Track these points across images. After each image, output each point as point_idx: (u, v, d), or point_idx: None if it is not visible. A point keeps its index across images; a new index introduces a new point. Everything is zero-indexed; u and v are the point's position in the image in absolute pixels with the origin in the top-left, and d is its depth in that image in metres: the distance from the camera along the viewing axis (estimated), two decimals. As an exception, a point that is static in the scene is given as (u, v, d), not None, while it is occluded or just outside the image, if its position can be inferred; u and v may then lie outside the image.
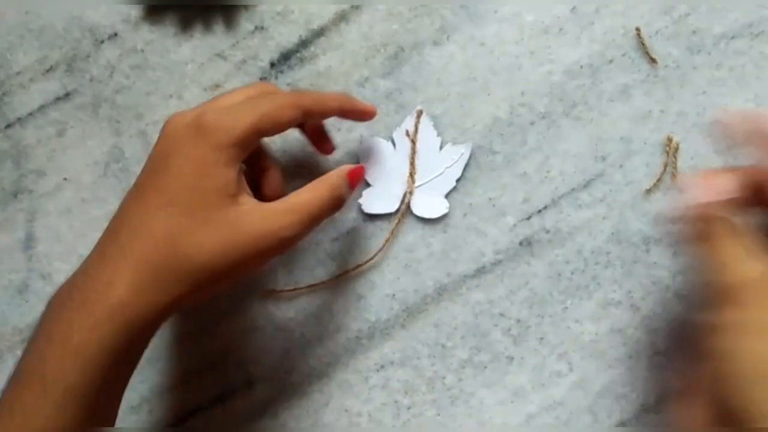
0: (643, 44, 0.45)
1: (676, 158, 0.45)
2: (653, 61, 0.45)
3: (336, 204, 0.39)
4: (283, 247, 0.36)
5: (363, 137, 0.46)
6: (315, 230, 0.45)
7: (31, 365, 0.33)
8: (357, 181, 0.41)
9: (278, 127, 0.37)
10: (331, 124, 0.45)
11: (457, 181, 0.45)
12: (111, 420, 0.36)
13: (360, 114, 0.42)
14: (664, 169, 0.45)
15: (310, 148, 0.45)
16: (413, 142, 0.45)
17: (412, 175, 0.45)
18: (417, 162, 0.45)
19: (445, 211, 0.45)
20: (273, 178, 0.42)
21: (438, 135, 0.45)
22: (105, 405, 0.35)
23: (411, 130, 0.45)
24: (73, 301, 0.34)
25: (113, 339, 0.33)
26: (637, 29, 0.45)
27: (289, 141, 0.46)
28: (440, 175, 0.45)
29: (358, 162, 0.45)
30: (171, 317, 0.36)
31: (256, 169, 0.42)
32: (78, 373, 0.33)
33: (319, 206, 0.37)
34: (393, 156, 0.45)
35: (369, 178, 0.45)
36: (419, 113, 0.45)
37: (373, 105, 0.43)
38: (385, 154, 0.45)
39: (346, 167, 0.40)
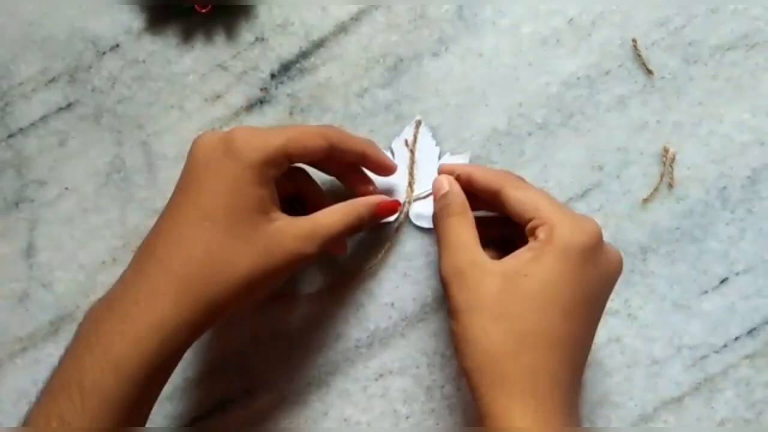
0: (639, 55, 0.45)
1: (672, 168, 0.45)
2: (650, 72, 0.45)
3: (355, 230, 0.41)
4: (306, 263, 0.39)
5: None
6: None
7: (69, 374, 0.34)
8: (386, 214, 0.43)
9: (305, 152, 0.38)
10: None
11: None
12: (141, 424, 0.37)
13: (381, 166, 0.43)
14: (661, 180, 0.45)
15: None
16: (412, 152, 0.46)
17: (410, 185, 0.46)
18: (416, 172, 0.46)
19: None
20: (314, 194, 0.44)
21: (437, 145, 0.46)
22: (138, 416, 0.36)
23: (410, 140, 0.46)
24: (113, 313, 0.35)
25: (152, 352, 0.34)
26: (634, 40, 0.45)
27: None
28: None
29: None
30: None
31: (306, 198, 0.44)
32: (117, 385, 0.33)
33: (338, 231, 0.39)
34: None
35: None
36: (418, 123, 0.46)
37: (395, 164, 0.44)
38: None
39: (378, 198, 0.42)
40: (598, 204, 0.45)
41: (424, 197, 0.45)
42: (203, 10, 0.45)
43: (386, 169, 0.43)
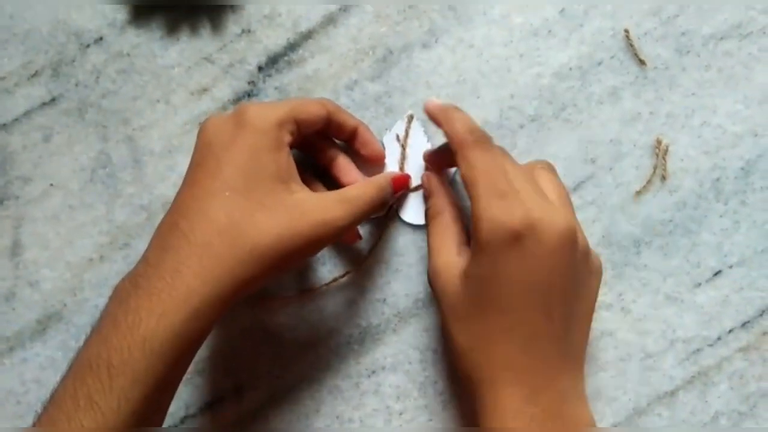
0: (632, 46, 0.45)
1: (665, 160, 0.45)
2: (642, 62, 0.45)
3: (381, 204, 0.41)
4: (336, 236, 0.38)
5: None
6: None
7: (97, 352, 0.33)
8: (401, 187, 0.43)
9: (309, 118, 0.39)
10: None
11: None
12: (167, 405, 0.36)
13: (371, 147, 0.43)
14: (654, 171, 0.45)
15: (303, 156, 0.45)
16: (403, 147, 0.45)
17: None
18: (406, 167, 0.45)
19: None
20: (344, 166, 0.43)
21: (428, 140, 0.45)
22: (164, 392, 0.35)
23: (401, 134, 0.45)
24: (139, 290, 0.34)
25: (181, 327, 0.33)
26: (626, 31, 0.45)
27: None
28: None
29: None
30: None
31: (324, 159, 0.43)
32: (145, 363, 0.33)
33: (368, 203, 0.39)
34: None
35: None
36: (410, 118, 0.45)
37: (383, 152, 0.44)
38: None
39: (392, 173, 0.43)
40: (591, 197, 0.45)
41: (414, 191, 0.45)
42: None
43: (377, 158, 0.43)
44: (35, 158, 0.46)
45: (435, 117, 0.39)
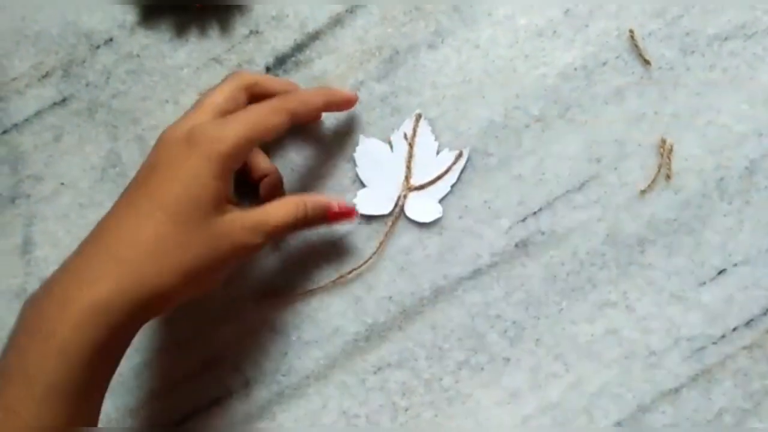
0: (636, 46, 0.45)
1: (670, 159, 0.45)
2: (647, 62, 0.45)
3: (297, 227, 0.41)
4: (249, 255, 0.40)
5: (361, 138, 0.46)
6: (309, 232, 0.46)
7: (13, 362, 0.34)
8: (339, 219, 0.43)
9: (268, 134, 0.39)
10: (328, 124, 0.46)
11: (453, 186, 0.45)
12: (94, 418, 0.36)
13: (344, 103, 0.44)
14: (659, 171, 0.45)
15: (319, 159, 0.46)
16: (411, 145, 0.45)
17: (407, 178, 0.45)
18: (413, 166, 0.45)
19: (439, 215, 0.45)
20: (270, 184, 0.44)
21: (435, 140, 0.45)
22: (88, 402, 0.35)
23: (409, 133, 0.45)
24: (53, 298, 0.34)
25: (95, 338, 0.33)
26: (631, 31, 0.45)
27: (291, 146, 0.46)
28: (436, 179, 0.45)
29: (355, 164, 0.46)
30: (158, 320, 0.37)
31: (254, 175, 0.44)
32: (61, 371, 0.33)
33: (284, 226, 0.40)
34: (389, 158, 0.46)
35: (365, 180, 0.46)
36: (418, 117, 0.46)
37: (354, 92, 0.44)
38: (382, 156, 0.46)
39: (334, 203, 0.42)
40: (596, 196, 0.45)
41: (420, 188, 0.45)
42: (197, 4, 0.45)
43: (350, 102, 0.44)
44: (46, 158, 0.47)
45: None
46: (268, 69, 0.46)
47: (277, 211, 0.40)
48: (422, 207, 0.45)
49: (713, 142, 0.45)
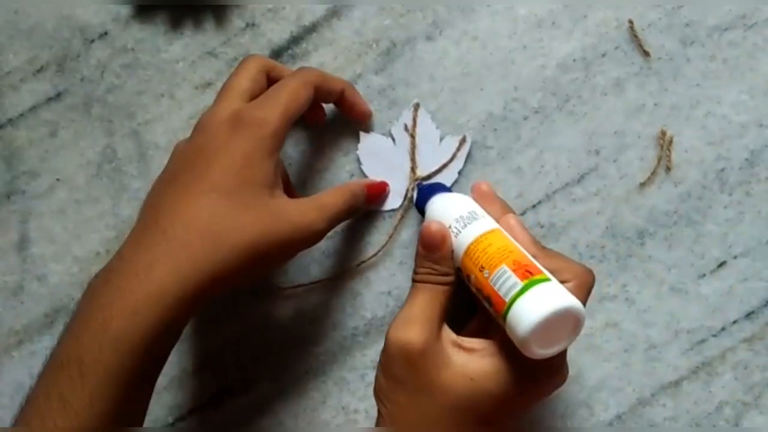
0: (636, 37, 0.44)
1: (670, 151, 0.44)
2: (646, 53, 0.44)
3: (352, 209, 0.41)
4: (313, 239, 0.38)
5: (361, 135, 0.45)
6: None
7: (69, 350, 0.34)
8: (374, 194, 0.44)
9: (301, 109, 0.39)
10: (329, 124, 0.46)
11: (459, 173, 0.45)
12: (144, 406, 0.37)
13: (357, 108, 0.44)
14: (659, 163, 0.45)
15: (322, 159, 0.46)
16: (412, 136, 0.45)
17: (413, 169, 0.45)
18: (417, 156, 0.45)
19: None
20: (281, 175, 0.43)
21: (437, 128, 0.45)
22: (139, 390, 0.35)
23: (409, 124, 0.45)
24: (111, 286, 0.34)
25: (151, 325, 0.33)
26: (630, 22, 0.44)
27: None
28: (442, 168, 0.45)
29: (359, 162, 0.45)
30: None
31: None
32: (116, 359, 0.33)
33: (340, 208, 0.40)
34: (393, 152, 0.45)
35: (370, 176, 0.45)
36: (416, 107, 0.45)
37: (370, 109, 0.45)
38: (386, 151, 0.45)
39: (367, 180, 0.44)
40: (595, 188, 0.45)
41: (428, 178, 0.45)
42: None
43: (363, 114, 0.44)
44: (41, 153, 0.47)
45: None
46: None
47: (334, 195, 0.40)
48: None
49: (713, 134, 0.45)
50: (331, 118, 0.46)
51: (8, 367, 0.46)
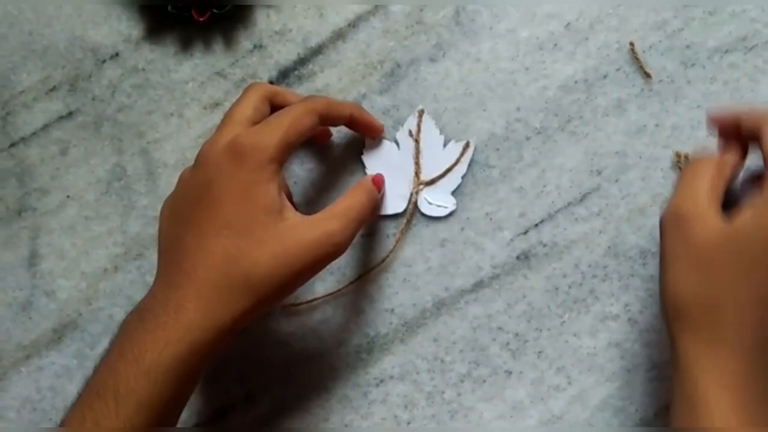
0: (637, 59, 0.45)
1: None
2: (647, 75, 0.45)
3: (374, 205, 0.42)
4: (336, 253, 0.38)
5: (366, 141, 0.46)
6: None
7: (105, 380, 0.35)
8: (380, 186, 0.44)
9: (302, 136, 0.39)
10: (334, 142, 0.46)
11: (463, 177, 0.45)
12: (172, 428, 0.38)
13: (368, 127, 0.45)
14: None
15: (327, 164, 0.47)
16: (417, 141, 0.46)
17: (417, 174, 0.46)
18: (421, 161, 0.46)
19: (453, 208, 0.45)
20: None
21: (441, 133, 0.46)
22: (169, 416, 0.37)
23: (414, 129, 0.46)
24: (146, 323, 0.36)
25: (183, 357, 0.35)
26: (631, 44, 0.45)
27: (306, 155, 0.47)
28: (446, 172, 0.45)
29: (363, 166, 0.46)
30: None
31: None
32: (149, 390, 0.35)
33: (360, 209, 0.40)
34: (398, 157, 0.46)
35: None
36: (421, 113, 0.46)
37: (382, 124, 0.45)
38: (390, 156, 0.46)
39: (368, 176, 0.44)
40: (597, 208, 0.45)
41: (432, 182, 0.45)
42: (201, 19, 0.45)
43: (374, 130, 0.45)
44: (52, 171, 0.47)
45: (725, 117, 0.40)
46: (271, 83, 0.47)
47: (350, 200, 0.40)
48: (435, 201, 0.45)
49: (715, 155, 0.45)
50: (337, 137, 0.46)
51: (15, 381, 0.47)
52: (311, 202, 0.46)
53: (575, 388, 0.45)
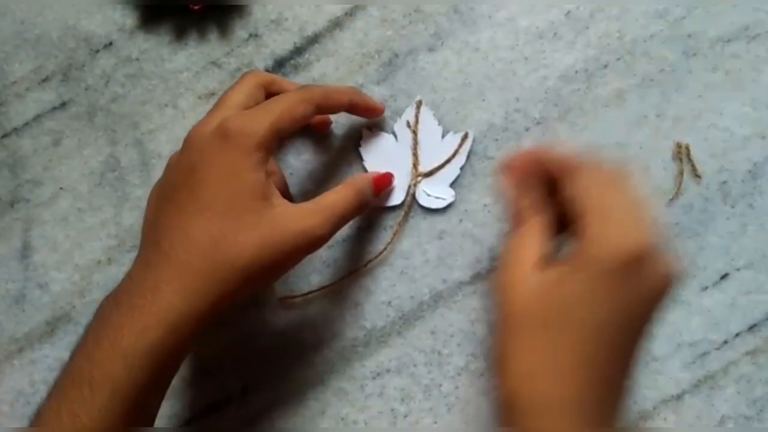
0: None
1: (691, 160, 0.44)
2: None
3: (360, 206, 0.40)
4: (316, 245, 0.38)
5: (364, 132, 0.45)
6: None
7: (80, 367, 0.34)
8: (382, 187, 0.43)
9: (295, 124, 0.38)
10: (331, 132, 0.46)
11: (461, 169, 0.45)
12: (151, 418, 0.37)
13: (369, 110, 0.44)
14: (682, 176, 0.44)
15: (324, 155, 0.46)
16: (414, 132, 0.45)
17: (415, 165, 0.45)
18: (420, 152, 0.45)
19: (452, 200, 0.45)
20: (277, 183, 0.43)
21: (439, 124, 0.45)
22: (147, 406, 0.36)
23: (411, 121, 0.45)
24: (121, 306, 0.35)
25: (160, 342, 0.34)
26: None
27: (303, 146, 0.46)
28: (445, 164, 0.45)
29: (361, 158, 0.46)
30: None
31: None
32: (125, 375, 0.34)
33: (345, 207, 0.39)
34: (395, 148, 0.45)
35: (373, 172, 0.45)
36: (419, 104, 0.45)
37: (381, 103, 0.44)
38: (388, 147, 0.45)
39: (372, 173, 0.43)
40: (597, 200, 0.45)
41: (430, 174, 0.45)
42: (196, 8, 0.45)
43: (376, 111, 0.44)
44: (45, 162, 0.47)
45: (526, 158, 0.38)
46: (267, 72, 0.46)
47: (336, 195, 0.39)
48: (434, 193, 0.45)
49: (716, 146, 0.44)
50: (334, 127, 0.46)
51: (8, 374, 0.46)
52: (308, 194, 0.46)
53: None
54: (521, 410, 0.33)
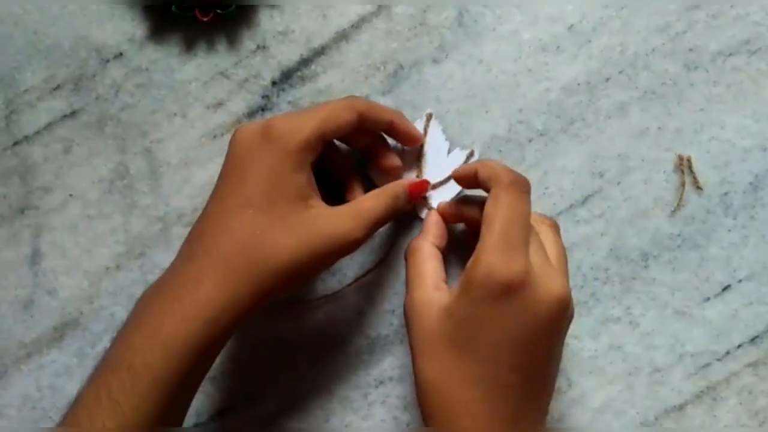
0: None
1: (693, 171, 0.45)
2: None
3: (394, 213, 0.41)
4: (351, 248, 0.39)
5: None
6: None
7: (120, 354, 0.35)
8: (417, 194, 0.43)
9: (338, 129, 0.39)
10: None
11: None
12: (185, 409, 0.38)
13: (407, 137, 0.44)
14: (683, 188, 0.45)
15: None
16: (421, 145, 0.46)
17: (419, 177, 0.45)
18: (424, 165, 0.45)
19: None
20: (356, 188, 0.44)
21: (446, 138, 0.46)
22: (184, 395, 0.37)
23: (420, 133, 0.46)
24: (163, 296, 0.36)
25: (199, 333, 0.35)
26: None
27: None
28: (448, 179, 0.45)
29: (367, 167, 0.46)
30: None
31: (336, 174, 0.44)
32: (164, 364, 0.34)
33: (381, 212, 0.40)
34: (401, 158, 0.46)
35: (376, 180, 0.46)
36: (429, 116, 0.46)
37: (421, 134, 0.45)
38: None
39: (408, 180, 0.44)
40: (599, 210, 0.45)
41: (433, 188, 0.45)
42: (205, 19, 0.45)
43: (413, 140, 0.44)
44: (56, 169, 0.48)
45: (468, 176, 0.40)
46: (274, 83, 0.47)
47: (370, 199, 0.40)
48: (436, 206, 0.45)
49: (717, 158, 0.45)
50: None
51: (16, 379, 0.47)
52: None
53: (576, 390, 0.45)
54: (432, 415, 0.37)
